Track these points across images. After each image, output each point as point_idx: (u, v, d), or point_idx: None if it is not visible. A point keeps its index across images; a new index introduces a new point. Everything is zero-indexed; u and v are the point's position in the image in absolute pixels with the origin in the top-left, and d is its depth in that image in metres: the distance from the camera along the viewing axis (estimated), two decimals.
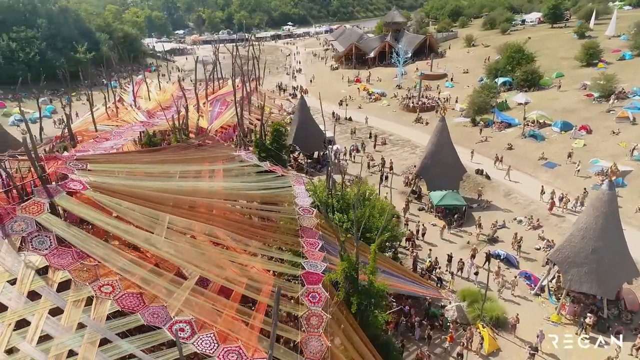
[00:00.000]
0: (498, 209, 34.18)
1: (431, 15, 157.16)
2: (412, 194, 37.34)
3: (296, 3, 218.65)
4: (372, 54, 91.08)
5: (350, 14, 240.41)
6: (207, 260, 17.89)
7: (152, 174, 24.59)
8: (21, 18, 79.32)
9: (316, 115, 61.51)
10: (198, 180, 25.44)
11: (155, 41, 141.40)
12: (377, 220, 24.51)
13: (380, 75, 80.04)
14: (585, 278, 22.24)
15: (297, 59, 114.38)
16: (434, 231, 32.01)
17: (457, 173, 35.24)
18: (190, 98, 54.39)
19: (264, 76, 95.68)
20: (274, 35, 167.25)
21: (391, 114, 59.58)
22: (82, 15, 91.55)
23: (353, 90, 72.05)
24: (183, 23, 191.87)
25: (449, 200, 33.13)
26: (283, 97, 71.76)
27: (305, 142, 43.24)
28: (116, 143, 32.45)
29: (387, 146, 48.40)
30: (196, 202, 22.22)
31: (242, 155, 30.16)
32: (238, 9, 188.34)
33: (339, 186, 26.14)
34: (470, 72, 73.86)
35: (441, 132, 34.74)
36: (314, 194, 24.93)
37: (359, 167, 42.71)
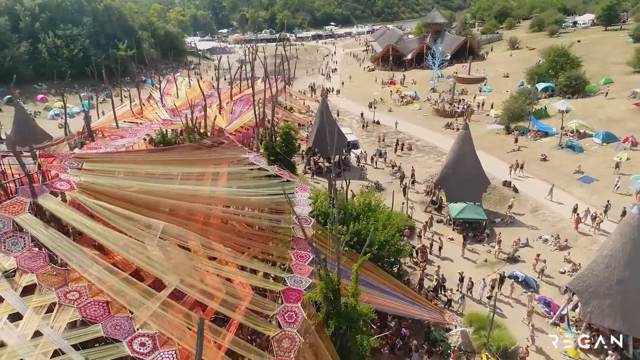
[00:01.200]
0: (523, 225, 31.65)
1: (477, 16, 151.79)
2: (432, 204, 35.37)
3: (340, 3, 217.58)
4: (410, 55, 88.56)
5: (395, 14, 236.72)
6: (187, 271, 17.09)
7: (153, 175, 24.22)
8: (68, 16, 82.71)
9: (344, 117, 60.47)
10: (199, 184, 24.76)
11: (199, 39, 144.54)
12: (379, 233, 23.00)
13: (415, 78, 77.59)
14: (608, 311, 19.82)
15: (335, 59, 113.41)
16: (451, 246, 30.00)
17: (480, 185, 32.94)
18: (217, 97, 54.72)
19: (299, 76, 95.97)
20: (315, 35, 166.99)
21: (421, 118, 57.31)
22: (126, 13, 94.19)
23: (385, 92, 70.13)
24: (228, 22, 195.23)
25: (468, 214, 31.00)
26: (313, 98, 70.78)
27: (325, 145, 41.96)
28: (129, 141, 32.58)
29: (412, 152, 46.38)
30: (193, 208, 21.45)
31: (250, 157, 29.42)
32: (281, 9, 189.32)
33: (342, 195, 24.75)
34: (511, 76, 70.11)
35: (464, 140, 32.60)
36: (314, 202, 23.74)
37: (380, 173, 41.40)
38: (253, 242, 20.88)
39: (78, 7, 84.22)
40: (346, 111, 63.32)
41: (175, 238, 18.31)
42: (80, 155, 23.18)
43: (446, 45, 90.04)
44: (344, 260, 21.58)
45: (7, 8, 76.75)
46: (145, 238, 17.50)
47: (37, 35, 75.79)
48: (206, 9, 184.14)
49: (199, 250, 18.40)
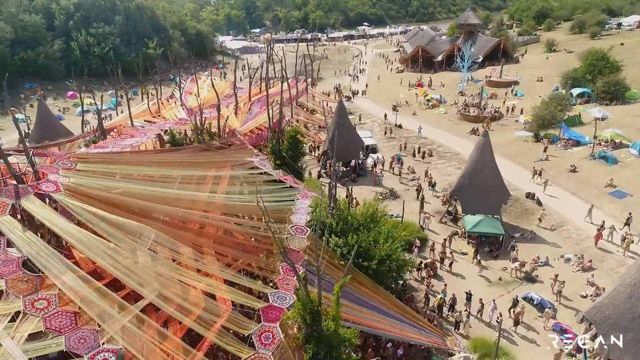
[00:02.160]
0: (544, 241, 29.41)
1: (515, 17, 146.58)
2: (448, 214, 33.54)
3: (374, 3, 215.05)
4: (440, 57, 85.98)
5: (430, 14, 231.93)
6: (166, 283, 16.28)
7: (151, 177, 23.67)
8: (102, 15, 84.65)
9: (366, 120, 58.94)
10: (199, 188, 23.99)
11: (231, 39, 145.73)
12: (380, 247, 21.59)
13: (444, 80, 75.10)
14: (629, 347, 17.75)
15: (364, 60, 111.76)
16: (465, 261, 28.19)
17: (499, 196, 30.85)
18: (240, 96, 54.34)
19: (326, 77, 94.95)
20: (347, 35, 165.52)
21: (446, 122, 55.10)
22: (158, 12, 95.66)
23: (411, 95, 68.07)
24: (261, 22, 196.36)
25: (484, 227, 29.08)
26: (337, 100, 69.40)
27: (341, 149, 40.69)
28: (138, 141, 32.33)
29: (433, 158, 44.43)
30: (187, 217, 20.63)
31: (255, 161, 28.54)
32: (314, 9, 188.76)
33: (344, 204, 23.45)
34: (546, 80, 66.65)
35: (483, 148, 30.61)
36: (313, 211, 22.57)
37: (396, 180, 39.79)
38: (245, 253, 19.96)
39: (111, 6, 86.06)
40: (369, 113, 61.78)
41: (163, 246, 17.60)
42: (77, 155, 22.90)
43: (479, 47, 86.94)
44: (339, 275, 20.40)
45: (44, 7, 79.17)
46: (130, 245, 16.91)
47: (70, 34, 77.84)
48: (240, 8, 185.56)
49: (186, 261, 17.58)
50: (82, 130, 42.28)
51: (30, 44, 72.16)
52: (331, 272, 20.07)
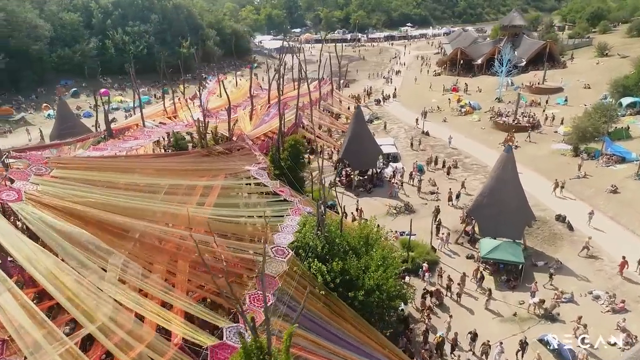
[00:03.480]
0: (572, 273, 25.92)
1: (568, 19, 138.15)
2: (465, 234, 30.53)
3: (419, 3, 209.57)
4: (480, 60, 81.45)
5: (478, 15, 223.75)
6: (114, 312, 14.69)
7: (136, 186, 22.34)
8: (139, 14, 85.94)
9: (392, 125, 56.06)
10: (185, 199, 22.46)
11: (270, 38, 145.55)
12: (370, 275, 19.22)
13: (482, 85, 70.79)
14: None
15: (402, 62, 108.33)
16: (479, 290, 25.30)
17: (522, 219, 27.61)
18: (263, 97, 53.03)
19: (359, 79, 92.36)
20: (388, 36, 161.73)
21: (478, 131, 51.40)
22: (195, 11, 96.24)
23: (445, 100, 64.44)
24: (302, 22, 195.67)
25: (502, 254, 25.97)
26: (364, 104, 66.78)
27: (357, 157, 38.45)
28: (139, 143, 31.42)
29: (457, 170, 41.18)
30: (163, 237, 18.96)
31: (252, 170, 26.80)
32: (356, 9, 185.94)
33: (334, 224, 21.19)
34: (594, 87, 61.30)
35: (505, 165, 27.45)
36: (299, 231, 20.51)
37: (415, 192, 37.02)
38: (216, 275, 18.11)
39: (149, 5, 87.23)
40: (396, 119, 58.87)
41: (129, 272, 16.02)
42: (55, 160, 21.88)
43: (523, 50, 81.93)
44: (318, 307, 18.26)
45: (84, 5, 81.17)
46: (89, 269, 15.49)
47: (106, 32, 79.36)
48: (282, 8, 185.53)
49: (149, 290, 15.88)
50: (96, 130, 42.07)
51: (68, 42, 74.10)
52: (309, 302, 18.01)
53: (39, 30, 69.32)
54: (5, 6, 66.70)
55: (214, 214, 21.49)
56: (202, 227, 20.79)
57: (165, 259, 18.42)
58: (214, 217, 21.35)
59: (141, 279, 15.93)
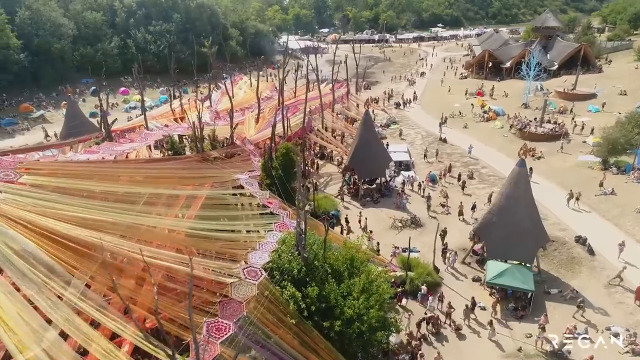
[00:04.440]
0: (588, 305, 23.18)
1: (609, 20, 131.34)
2: (474, 254, 28.15)
3: (451, 4, 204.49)
4: (508, 63, 77.67)
5: (513, 16, 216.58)
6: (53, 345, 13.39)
7: (114, 195, 21.12)
8: (162, 13, 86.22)
9: (409, 131, 53.64)
10: (165, 211, 21.15)
11: (297, 38, 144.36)
12: (349, 302, 17.33)
13: (509, 89, 67.26)
14: None
15: (430, 63, 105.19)
16: (480, 317, 22.98)
17: (534, 241, 25.06)
18: (274, 98, 51.63)
19: (382, 80, 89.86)
20: (417, 37, 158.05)
21: (500, 139, 48.38)
22: (219, 11, 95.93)
23: (468, 104, 61.40)
24: (331, 22, 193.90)
25: (509, 279, 23.54)
26: (382, 107, 64.51)
27: (364, 165, 36.44)
28: (133, 146, 30.44)
29: (473, 182, 38.56)
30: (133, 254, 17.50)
31: (241, 179, 25.31)
32: (386, 9, 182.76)
33: (319, 244, 19.34)
34: (630, 94, 57.10)
35: (517, 181, 24.94)
36: (276, 250, 18.81)
37: (424, 204, 34.71)
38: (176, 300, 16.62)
39: (172, 4, 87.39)
40: (414, 124, 56.40)
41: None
42: (28, 165, 20.90)
43: (555, 53, 77.83)
44: (288, 338, 16.53)
45: (108, 4, 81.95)
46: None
47: (129, 31, 79.84)
48: (310, 8, 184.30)
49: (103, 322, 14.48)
50: (101, 130, 41.55)
51: (91, 41, 74.88)
52: (277, 333, 16.34)
53: (63, 28, 70.22)
54: (31, 5, 67.82)
55: (192, 228, 20.17)
56: (176, 244, 19.47)
57: (129, 282, 17.06)
58: (191, 231, 20.03)
59: (98, 308, 14.55)
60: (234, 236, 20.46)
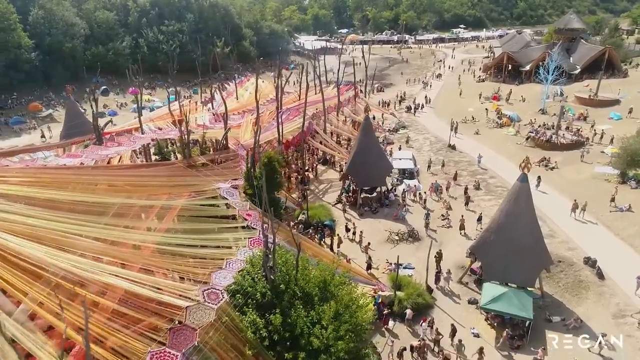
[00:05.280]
0: (593, 336, 21.07)
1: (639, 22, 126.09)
2: (471, 273, 26.21)
3: (474, 4, 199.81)
4: (528, 66, 74.55)
5: (539, 17, 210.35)
6: None
7: (85, 204, 19.99)
8: (175, 13, 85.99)
9: (417, 136, 51.61)
10: (135, 223, 19.92)
11: (315, 39, 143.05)
12: (319, 333, 15.74)
13: (527, 94, 64.37)
14: None
15: (448, 65, 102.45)
16: (475, 344, 21.07)
17: (536, 263, 23.01)
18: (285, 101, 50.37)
19: (396, 83, 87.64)
20: (437, 38, 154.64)
21: (512, 147, 45.92)
22: (233, 11, 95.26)
23: (482, 109, 58.92)
24: (350, 22, 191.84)
25: (505, 305, 21.55)
26: (391, 111, 62.40)
27: (363, 173, 34.73)
28: (119, 150, 29.46)
29: (479, 192, 36.43)
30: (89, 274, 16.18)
31: (221, 189, 23.97)
32: (406, 9, 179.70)
33: (291, 264, 17.80)
34: None
35: (517, 197, 22.91)
36: (243, 270, 17.37)
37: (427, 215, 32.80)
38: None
39: (186, 4, 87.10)
40: (424, 128, 54.31)
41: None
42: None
43: (578, 56, 74.46)
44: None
45: (121, 4, 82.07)
46: None
47: (141, 31, 79.77)
48: (330, 8, 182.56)
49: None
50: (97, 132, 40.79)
51: (102, 40, 75.04)
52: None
53: (75, 28, 70.47)
54: (44, 4, 68.22)
55: (160, 243, 18.91)
56: (139, 262, 18.17)
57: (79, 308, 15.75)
58: (158, 246, 18.77)
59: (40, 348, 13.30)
60: (202, 252, 19.08)
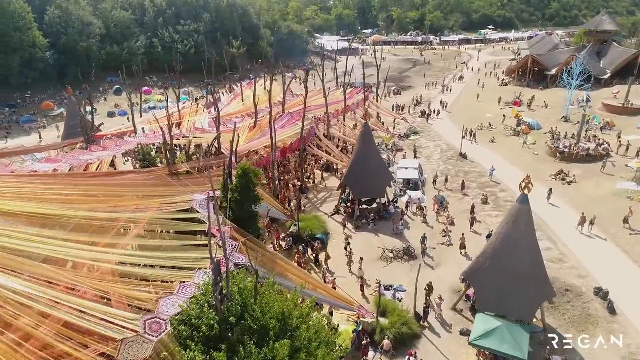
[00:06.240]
0: None
1: None
2: (466, 300, 23.91)
3: (504, 4, 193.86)
4: (554, 70, 70.69)
5: (573, 18, 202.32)
6: None
7: (45, 217, 18.75)
8: (192, 12, 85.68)
9: (427, 144, 49.11)
10: (95, 238, 18.60)
11: (337, 39, 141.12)
12: None
13: (551, 100, 60.85)
14: None
15: (471, 67, 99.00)
16: None
17: (537, 293, 20.56)
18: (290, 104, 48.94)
19: (415, 85, 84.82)
20: (463, 39, 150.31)
21: (529, 158, 42.94)
22: (251, 11, 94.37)
23: (501, 115, 55.81)
24: (375, 22, 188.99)
25: (497, 342, 19.18)
26: (402, 116, 59.92)
27: (361, 183, 32.73)
28: (100, 155, 28.37)
29: (487, 207, 33.85)
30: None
31: (195, 201, 22.43)
32: (433, 10, 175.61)
33: (249, 292, 16.00)
34: None
35: (517, 221, 20.49)
36: (194, 297, 15.72)
37: (426, 230, 30.58)
38: None
39: (203, 4, 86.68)
40: (437, 135, 51.76)
41: None
42: None
43: (610, 59, 70.21)
44: None
45: (138, 3, 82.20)
46: None
47: (157, 30, 79.69)
48: (354, 8, 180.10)
49: None
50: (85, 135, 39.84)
51: (118, 40, 75.20)
52: None
53: (91, 27, 70.78)
54: (61, 4, 68.73)
55: (113, 262, 17.51)
56: (87, 287, 16.74)
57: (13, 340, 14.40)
58: (112, 266, 17.36)
59: None
60: (156, 273, 17.56)
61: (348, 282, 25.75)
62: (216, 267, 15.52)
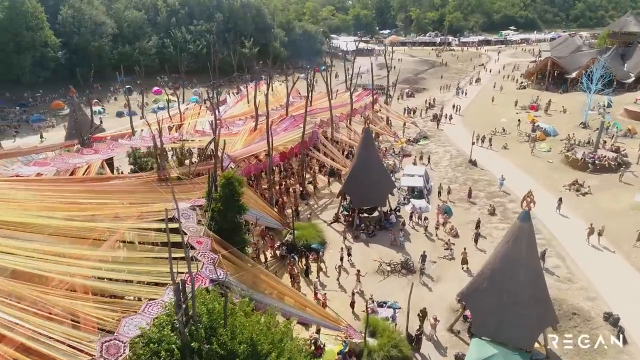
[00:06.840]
0: None
1: None
2: (464, 320, 22.38)
3: (526, 5, 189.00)
4: (574, 73, 67.89)
5: (599, 19, 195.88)
6: None
7: (22, 226, 18.02)
8: (205, 12, 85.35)
9: (437, 149, 47.34)
10: (72, 247, 17.81)
11: (354, 39, 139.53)
12: None
13: (569, 104, 58.31)
14: None
15: (489, 69, 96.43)
16: None
17: (538, 319, 18.94)
18: (296, 106, 47.78)
19: (429, 87, 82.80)
20: (483, 40, 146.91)
21: (543, 166, 40.86)
22: (265, 11, 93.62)
23: (516, 120, 53.62)
24: (393, 23, 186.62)
25: None
26: (412, 119, 58.16)
27: (361, 191, 31.37)
28: (89, 159, 27.66)
29: (494, 219, 32.09)
30: None
31: (179, 209, 21.40)
32: (453, 10, 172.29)
33: (218, 312, 14.84)
34: None
35: (517, 239, 18.87)
36: (158, 318, 14.66)
37: (427, 243, 29.11)
38: None
39: (216, 4, 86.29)
40: (447, 140, 49.96)
41: None
42: None
43: (635, 62, 67.29)
44: None
45: (152, 3, 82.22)
46: None
47: (169, 30, 79.56)
48: (372, 8, 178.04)
49: None
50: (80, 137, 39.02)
51: (130, 39, 75.27)
52: None
53: (104, 27, 70.97)
54: (74, 3, 69.05)
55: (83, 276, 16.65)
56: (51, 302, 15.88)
57: None
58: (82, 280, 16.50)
59: None
60: (122, 289, 16.59)
61: (340, 297, 24.49)
62: (178, 287, 14.45)
